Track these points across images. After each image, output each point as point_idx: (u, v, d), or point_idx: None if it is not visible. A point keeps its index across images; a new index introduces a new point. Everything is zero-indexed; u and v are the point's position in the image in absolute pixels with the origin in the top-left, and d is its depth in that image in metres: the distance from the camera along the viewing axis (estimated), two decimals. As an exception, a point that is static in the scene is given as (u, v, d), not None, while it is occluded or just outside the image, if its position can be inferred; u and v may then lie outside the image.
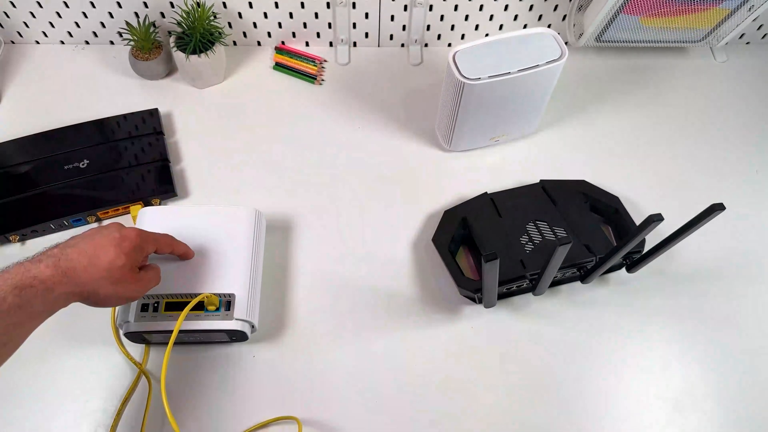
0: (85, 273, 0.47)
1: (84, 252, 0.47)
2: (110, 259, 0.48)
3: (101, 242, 0.49)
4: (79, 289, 0.47)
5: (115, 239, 0.50)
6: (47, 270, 0.45)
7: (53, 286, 0.44)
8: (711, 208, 0.52)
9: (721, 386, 0.65)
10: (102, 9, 0.86)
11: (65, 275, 0.45)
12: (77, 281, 0.46)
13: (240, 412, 0.62)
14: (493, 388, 0.64)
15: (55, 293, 0.45)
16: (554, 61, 0.68)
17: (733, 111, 0.89)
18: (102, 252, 0.48)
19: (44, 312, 0.45)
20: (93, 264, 0.47)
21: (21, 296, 0.42)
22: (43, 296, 0.44)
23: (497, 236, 0.69)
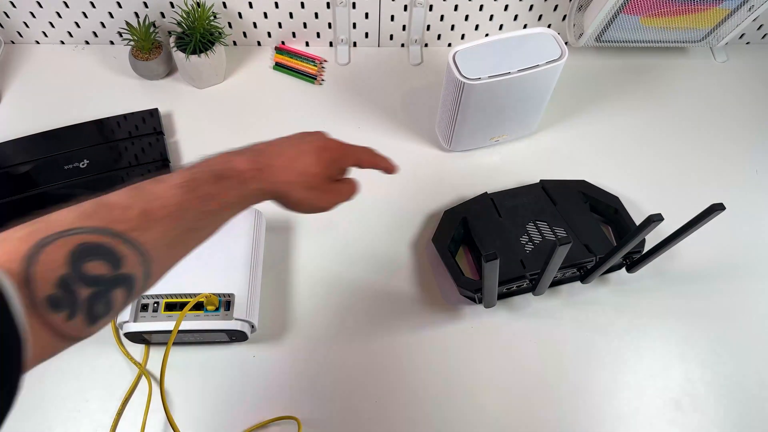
0: (281, 173, 0.47)
1: (284, 153, 0.48)
2: (307, 164, 0.49)
3: (303, 148, 0.50)
4: (271, 188, 0.47)
5: (317, 147, 0.51)
6: (245, 163, 0.45)
7: (248, 180, 0.45)
8: (711, 208, 0.52)
9: (722, 386, 0.65)
10: (102, 9, 0.86)
11: (261, 171, 0.46)
12: (271, 180, 0.46)
13: (240, 412, 0.62)
14: (493, 388, 0.64)
15: (249, 187, 0.45)
16: (554, 61, 0.68)
17: (733, 111, 0.89)
18: (301, 157, 0.49)
19: (237, 204, 0.45)
20: (290, 166, 0.48)
21: (217, 185, 0.43)
22: (238, 188, 0.44)
23: (497, 236, 0.69)
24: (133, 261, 0.37)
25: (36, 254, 0.33)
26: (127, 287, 0.37)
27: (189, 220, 0.41)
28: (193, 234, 0.43)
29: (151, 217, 0.38)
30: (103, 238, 0.36)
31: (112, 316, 0.37)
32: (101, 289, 0.35)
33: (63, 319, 0.33)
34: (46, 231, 0.34)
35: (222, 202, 0.43)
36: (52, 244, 0.34)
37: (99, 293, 0.35)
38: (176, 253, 0.42)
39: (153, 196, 0.39)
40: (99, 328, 0.37)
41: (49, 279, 0.33)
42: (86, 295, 0.34)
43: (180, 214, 0.40)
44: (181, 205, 0.40)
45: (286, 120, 0.86)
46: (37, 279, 0.32)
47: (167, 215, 0.39)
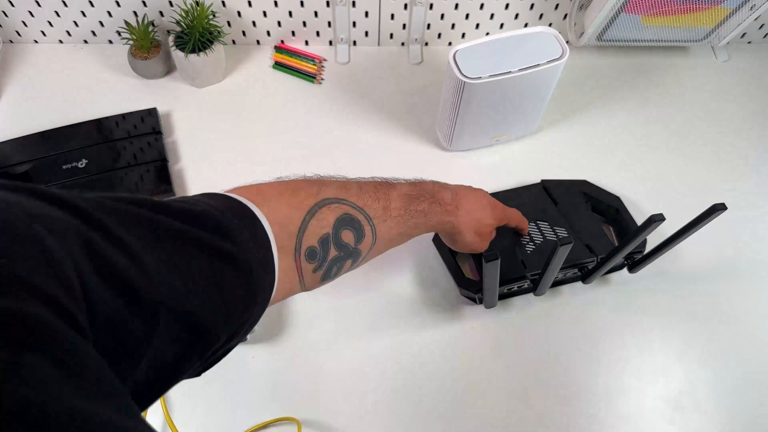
0: (466, 216, 0.54)
1: (469, 201, 0.55)
2: (485, 216, 0.57)
3: (482, 202, 0.57)
4: (457, 224, 0.54)
5: (491, 204, 0.59)
6: (449, 198, 0.53)
7: (448, 212, 0.52)
8: (713, 208, 0.52)
9: (723, 387, 0.65)
10: (101, 8, 0.86)
11: (456, 209, 0.53)
12: (459, 219, 0.54)
13: (239, 414, 0.61)
14: (493, 389, 0.64)
15: (446, 219, 0.52)
16: (555, 61, 0.68)
17: (735, 110, 0.89)
18: (482, 209, 0.57)
19: (431, 227, 0.52)
20: (472, 213, 0.55)
21: (431, 206, 0.50)
22: (440, 215, 0.51)
23: (498, 236, 0.69)
24: (367, 241, 0.44)
25: (316, 211, 0.39)
26: (354, 260, 0.45)
27: (407, 227, 0.48)
28: (400, 239, 0.50)
29: (389, 213, 0.46)
30: (360, 216, 0.43)
31: (332, 280, 0.44)
32: (342, 255, 0.42)
33: (311, 269, 0.40)
34: (328, 194, 0.41)
35: (427, 221, 0.50)
36: (328, 206, 0.40)
37: (339, 258, 0.42)
38: (383, 249, 0.49)
39: (391, 198, 0.47)
40: (319, 286, 0.44)
41: (317, 234, 0.39)
42: (333, 256, 0.41)
43: (403, 220, 0.48)
44: (406, 212, 0.48)
45: (286, 119, 0.85)
46: (309, 231, 0.39)
47: (397, 216, 0.47)
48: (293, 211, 0.38)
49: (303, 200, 0.39)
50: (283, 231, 0.37)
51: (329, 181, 0.43)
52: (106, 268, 0.23)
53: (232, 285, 0.31)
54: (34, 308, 0.19)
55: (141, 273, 0.25)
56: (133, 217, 0.27)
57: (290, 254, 0.37)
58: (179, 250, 0.28)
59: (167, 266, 0.27)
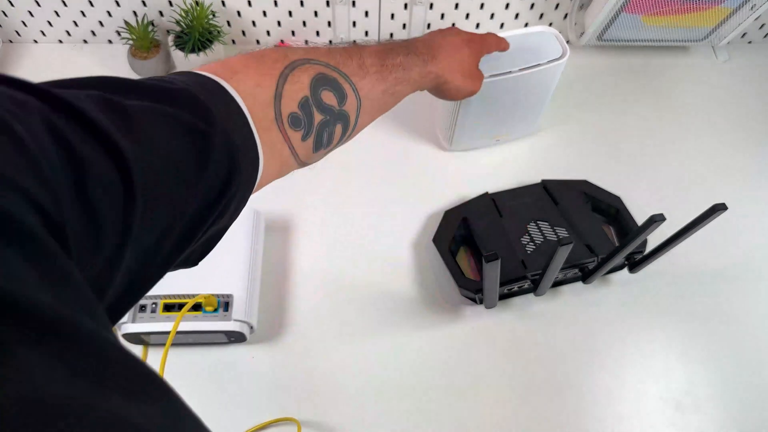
0: (446, 62, 0.53)
1: (443, 46, 0.54)
2: (464, 55, 0.55)
3: (456, 42, 0.55)
4: (440, 73, 0.52)
5: (466, 40, 0.57)
6: (422, 47, 0.51)
7: (427, 61, 0.51)
8: (713, 208, 0.52)
9: (723, 387, 0.65)
10: (100, 8, 0.86)
11: (435, 57, 0.52)
12: (441, 65, 0.52)
13: (239, 414, 0.61)
14: (494, 389, 0.64)
15: (426, 69, 0.51)
16: (556, 60, 0.68)
17: (736, 110, 0.89)
18: (458, 49, 0.55)
19: (415, 82, 0.50)
20: (451, 57, 0.54)
21: (407, 57, 0.49)
22: (420, 66, 0.50)
23: (498, 236, 0.69)
24: (351, 102, 0.42)
25: (288, 74, 0.37)
26: (344, 125, 0.43)
27: (389, 82, 0.47)
28: (387, 98, 0.48)
29: (366, 70, 0.44)
30: (336, 74, 0.41)
31: (327, 151, 0.43)
32: (329, 119, 0.40)
33: (299, 137, 0.38)
34: (295, 56, 0.39)
35: (408, 74, 0.48)
36: (300, 67, 0.38)
37: (327, 122, 0.40)
38: (374, 111, 0.47)
39: (363, 54, 0.45)
40: (317, 158, 0.43)
41: (294, 99, 0.37)
42: (319, 120, 0.39)
43: (383, 75, 0.46)
44: (383, 66, 0.46)
45: (286, 119, 0.85)
46: (285, 96, 0.36)
47: (375, 72, 0.45)
48: (264, 79, 0.36)
49: (271, 66, 0.37)
50: (257, 102, 0.35)
51: (295, 47, 0.41)
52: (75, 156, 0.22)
53: (212, 163, 0.29)
54: (7, 202, 0.18)
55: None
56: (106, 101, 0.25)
57: (271, 125, 0.36)
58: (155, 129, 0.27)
59: (142, 149, 0.25)
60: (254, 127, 0.34)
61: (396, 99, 0.50)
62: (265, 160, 0.35)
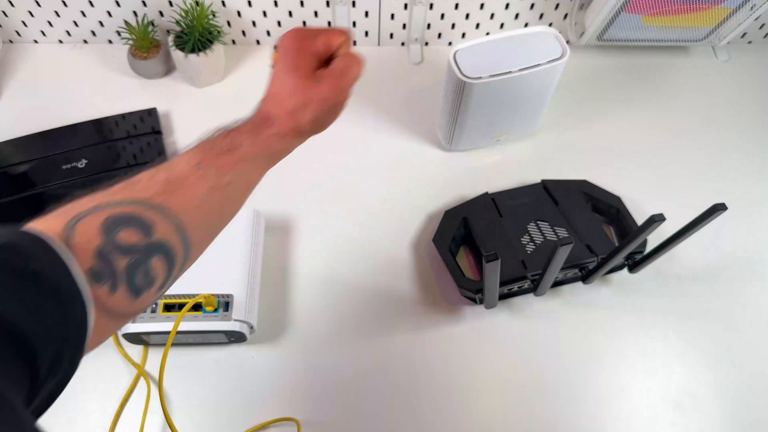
0: (279, 111, 0.46)
1: (270, 95, 0.48)
2: (286, 83, 0.47)
3: (275, 75, 0.49)
4: (283, 128, 0.46)
5: (282, 63, 0.48)
6: (251, 116, 0.47)
7: (256, 128, 0.45)
8: (713, 208, 0.52)
9: (723, 387, 0.65)
10: (100, 8, 0.86)
11: (265, 118, 0.46)
12: (277, 122, 0.46)
13: (239, 414, 0.61)
14: (493, 389, 0.64)
15: (263, 135, 0.45)
16: (555, 60, 0.68)
17: (735, 110, 0.89)
18: (281, 85, 0.48)
19: (258, 156, 0.45)
20: (280, 98, 0.47)
21: (228, 138, 0.44)
22: (251, 137, 0.45)
23: (498, 236, 0.69)
24: (164, 227, 0.38)
25: (72, 228, 0.35)
26: (165, 255, 0.38)
27: (212, 177, 0.42)
28: (221, 194, 0.43)
29: (175, 182, 0.40)
30: (131, 208, 0.37)
31: (157, 289, 0.38)
32: (138, 258, 0.36)
33: (106, 291, 0.34)
34: (78, 209, 0.36)
35: (239, 153, 0.44)
36: (84, 218, 0.36)
37: (136, 262, 0.36)
38: (210, 216, 0.43)
39: (174, 164, 0.41)
40: (144, 303, 0.37)
41: (87, 251, 0.34)
42: (124, 265, 0.35)
43: (201, 173, 0.41)
44: (200, 164, 0.42)
45: (286, 119, 0.85)
46: (76, 252, 0.33)
47: (189, 176, 0.41)
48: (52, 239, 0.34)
49: (52, 225, 0.35)
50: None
51: (79, 199, 0.38)
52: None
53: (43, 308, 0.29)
54: None
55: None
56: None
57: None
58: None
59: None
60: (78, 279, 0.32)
61: (243, 186, 0.45)
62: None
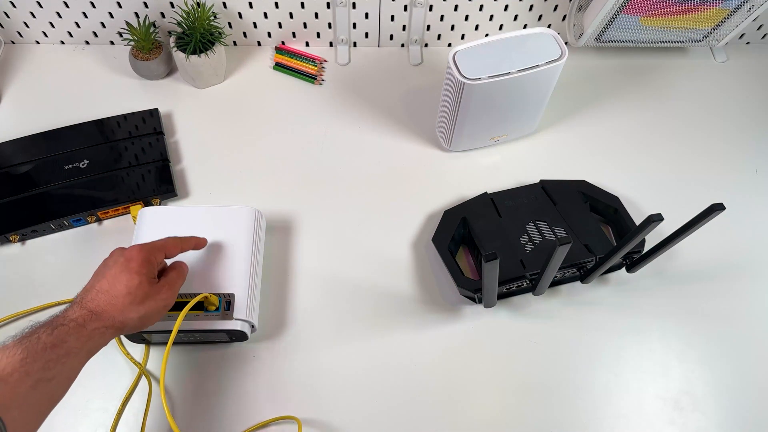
0: (110, 307, 0.49)
1: (101, 289, 0.50)
2: (125, 285, 0.50)
3: (113, 272, 0.51)
4: (110, 323, 0.49)
5: (121, 264, 0.52)
6: (76, 311, 0.48)
7: (84, 323, 0.47)
8: (711, 208, 0.52)
9: (721, 386, 0.65)
10: (102, 9, 0.86)
11: (93, 313, 0.48)
12: (106, 317, 0.49)
13: (240, 412, 0.62)
14: (493, 388, 0.64)
15: (88, 329, 0.47)
16: (554, 61, 0.68)
17: (733, 111, 0.89)
18: (115, 281, 0.51)
19: (82, 350, 0.47)
20: (113, 296, 0.50)
21: (53, 335, 0.45)
22: (76, 333, 0.46)
23: (497, 236, 0.69)
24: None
25: None
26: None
27: (35, 373, 0.43)
28: (44, 388, 0.44)
29: (3, 380, 0.41)
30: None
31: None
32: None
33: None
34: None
35: (64, 349, 0.45)
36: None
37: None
38: (32, 410, 0.44)
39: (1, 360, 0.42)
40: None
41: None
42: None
43: (24, 369, 0.42)
44: (23, 361, 0.42)
45: (286, 120, 0.86)
46: None
47: (12, 372, 0.41)
48: None
49: None
50: None
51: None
52: None
53: None
54: None
55: None
56: None
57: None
58: None
59: None
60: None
61: (63, 382, 0.46)
62: None
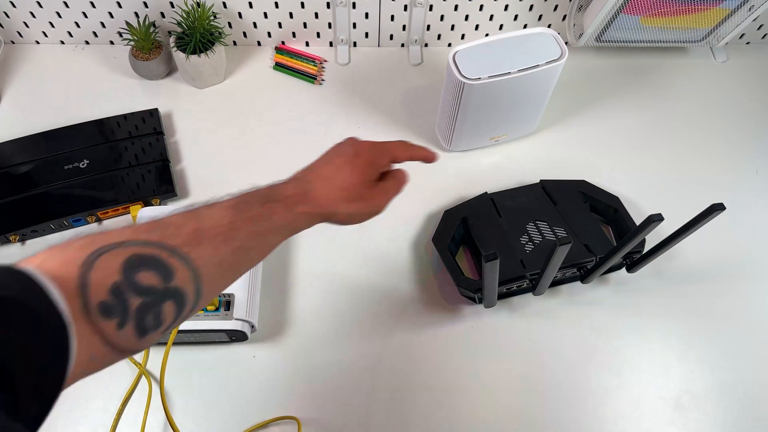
0: (323, 195, 0.49)
1: (322, 174, 0.50)
2: (344, 178, 0.50)
3: (337, 162, 0.51)
4: (318, 210, 0.48)
5: (350, 157, 0.51)
6: (290, 189, 0.48)
7: (294, 204, 0.47)
8: (711, 208, 0.52)
9: (722, 386, 0.65)
10: (102, 9, 0.86)
11: (306, 196, 0.48)
12: (316, 203, 0.48)
13: (240, 412, 0.62)
14: (493, 388, 0.64)
15: (296, 211, 0.47)
16: (554, 61, 0.68)
17: (733, 111, 0.89)
18: (338, 172, 0.50)
19: (285, 228, 0.47)
20: (330, 185, 0.49)
21: (264, 207, 0.45)
22: (285, 212, 0.46)
23: (497, 236, 0.69)
24: (183, 276, 0.38)
25: (93, 261, 0.35)
26: (178, 302, 0.38)
27: (239, 239, 0.43)
28: (243, 255, 0.44)
29: (203, 234, 0.40)
30: (156, 251, 0.37)
31: (161, 332, 0.38)
32: (151, 300, 0.36)
33: (114, 327, 0.35)
34: (104, 241, 0.36)
35: (270, 224, 0.45)
36: (108, 252, 0.36)
37: (149, 304, 0.36)
38: (226, 273, 0.44)
39: (205, 216, 0.42)
40: (149, 342, 0.38)
41: (103, 285, 0.34)
42: (137, 305, 0.36)
43: (230, 233, 0.42)
44: (232, 224, 0.42)
45: (286, 120, 0.85)
46: (92, 285, 0.34)
47: (218, 234, 0.41)
48: (67, 269, 0.34)
49: (73, 255, 0.35)
50: (63, 292, 0.33)
51: (109, 230, 0.38)
52: None
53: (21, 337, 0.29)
54: None
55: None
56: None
57: (78, 316, 0.33)
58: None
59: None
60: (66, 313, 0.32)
61: (262, 251, 0.46)
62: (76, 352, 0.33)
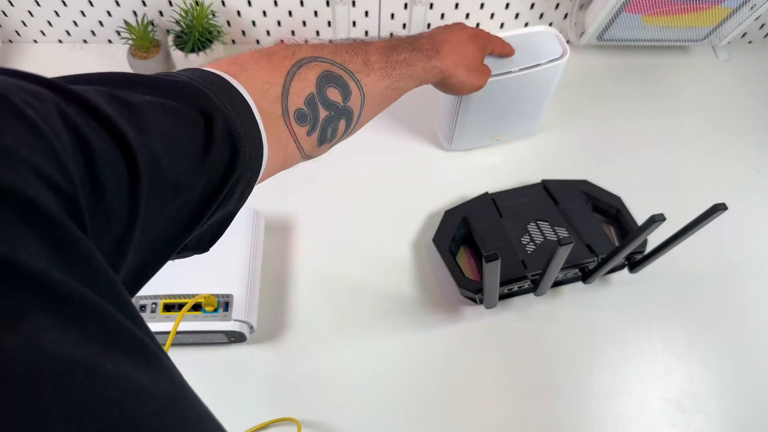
0: (450, 57, 0.55)
1: (448, 40, 0.56)
2: (468, 49, 0.57)
3: (462, 36, 0.57)
4: (444, 69, 0.54)
5: (472, 35, 0.58)
6: (427, 44, 0.53)
7: (431, 57, 0.53)
8: (713, 208, 0.52)
9: (724, 387, 0.65)
10: (100, 7, 0.86)
11: (439, 52, 0.54)
12: (444, 60, 0.54)
13: (239, 414, 0.61)
14: (493, 389, 0.64)
15: (431, 63, 0.53)
16: (556, 60, 0.68)
17: (736, 110, 0.89)
18: (463, 43, 0.57)
19: (419, 77, 0.52)
20: (455, 51, 0.56)
21: (412, 53, 0.51)
22: (424, 61, 0.52)
23: (498, 236, 0.69)
24: (356, 98, 0.44)
25: (296, 72, 0.39)
26: (348, 120, 0.44)
27: (392, 77, 0.48)
28: (390, 93, 0.50)
29: (371, 66, 0.46)
30: (341, 71, 0.43)
31: (330, 145, 0.45)
32: (333, 115, 0.42)
33: (305, 132, 0.40)
34: (303, 54, 0.40)
35: (412, 70, 0.50)
36: (307, 65, 0.40)
37: (331, 118, 0.42)
38: (376, 108, 0.49)
39: (369, 51, 0.47)
40: (321, 152, 0.44)
41: (301, 95, 0.39)
42: (323, 116, 0.41)
43: (388, 70, 0.48)
44: (387, 63, 0.48)
45: (286, 119, 0.85)
46: (292, 92, 0.38)
47: (380, 68, 0.47)
48: (272, 76, 0.37)
49: (280, 63, 0.39)
50: (266, 98, 0.36)
51: (303, 44, 0.42)
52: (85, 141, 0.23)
53: (214, 149, 0.31)
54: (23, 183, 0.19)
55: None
56: (111, 96, 0.26)
57: (278, 120, 0.37)
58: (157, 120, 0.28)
59: (146, 137, 0.26)
60: (260, 120, 0.35)
61: (399, 94, 0.51)
62: (270, 151, 0.37)
